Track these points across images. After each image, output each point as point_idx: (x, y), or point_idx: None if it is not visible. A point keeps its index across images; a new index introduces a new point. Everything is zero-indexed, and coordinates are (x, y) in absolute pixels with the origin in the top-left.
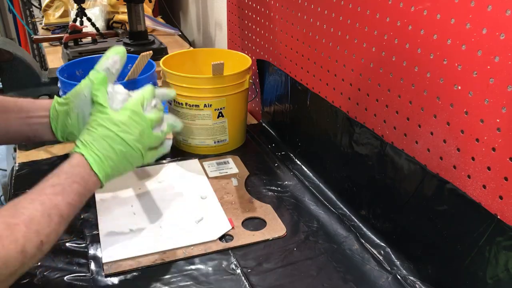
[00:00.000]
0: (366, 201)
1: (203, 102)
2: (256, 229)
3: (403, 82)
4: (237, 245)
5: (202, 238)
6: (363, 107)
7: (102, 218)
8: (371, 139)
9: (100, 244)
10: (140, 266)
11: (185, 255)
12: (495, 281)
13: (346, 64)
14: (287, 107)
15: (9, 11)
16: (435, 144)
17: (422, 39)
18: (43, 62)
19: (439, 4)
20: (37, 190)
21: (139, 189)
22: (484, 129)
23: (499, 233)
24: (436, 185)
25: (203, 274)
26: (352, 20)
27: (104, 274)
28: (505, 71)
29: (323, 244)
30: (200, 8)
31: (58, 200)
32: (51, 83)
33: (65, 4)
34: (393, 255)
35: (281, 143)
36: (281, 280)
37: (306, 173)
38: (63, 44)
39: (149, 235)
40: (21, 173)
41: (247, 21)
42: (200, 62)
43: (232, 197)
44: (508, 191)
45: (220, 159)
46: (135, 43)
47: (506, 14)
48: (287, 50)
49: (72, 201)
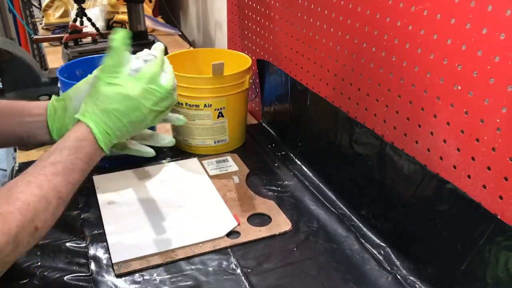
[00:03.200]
0: (366, 201)
1: (203, 102)
2: (262, 225)
3: (403, 82)
4: (245, 241)
5: (210, 235)
6: (363, 107)
7: (107, 219)
8: (371, 139)
9: (108, 244)
10: (150, 265)
11: (194, 252)
12: (495, 281)
13: (346, 64)
14: (287, 107)
15: (9, 11)
16: (435, 144)
17: (422, 39)
18: (43, 62)
19: (439, 4)
20: (37, 169)
21: (141, 189)
22: (484, 129)
23: (499, 233)
24: (436, 185)
25: (203, 274)
26: (352, 20)
27: (115, 274)
28: (505, 71)
29: (323, 244)
30: (200, 8)
31: (57, 180)
32: (51, 83)
33: (65, 4)
34: (393, 255)
35: (281, 143)
36: (281, 280)
37: (306, 173)
38: (63, 44)
39: (156, 234)
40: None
41: (247, 21)
42: (200, 62)
43: (235, 194)
44: (508, 191)
45: (219, 157)
46: (135, 43)
47: (506, 14)
48: (287, 50)
49: (72, 180)
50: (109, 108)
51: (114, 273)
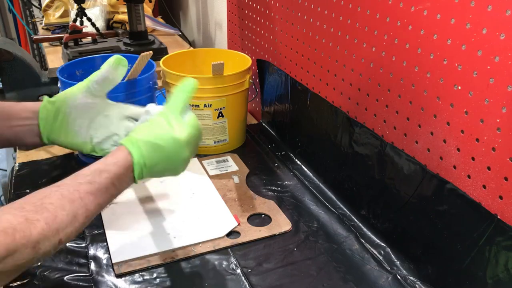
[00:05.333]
0: (366, 201)
1: (203, 102)
2: (262, 225)
3: (403, 82)
4: (245, 241)
5: (210, 235)
6: (363, 107)
7: (106, 219)
8: (371, 139)
9: (108, 244)
10: (150, 265)
11: (194, 252)
12: (495, 281)
13: (346, 64)
14: (287, 107)
15: (9, 11)
16: (435, 144)
17: (422, 39)
18: (43, 62)
19: (439, 4)
20: (73, 183)
21: (141, 189)
22: (484, 129)
23: (499, 233)
24: (436, 185)
25: (203, 274)
26: (352, 20)
27: (115, 274)
28: (505, 71)
29: (323, 244)
30: (200, 8)
31: (89, 200)
32: (51, 83)
33: (65, 4)
34: (393, 255)
35: (281, 143)
36: (281, 280)
37: (306, 173)
38: (63, 44)
39: (156, 234)
40: (21, 173)
41: (247, 21)
42: (200, 62)
43: (235, 194)
44: (508, 191)
45: (219, 157)
46: (135, 43)
47: (506, 14)
48: (287, 50)
49: (102, 202)
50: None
51: (114, 273)
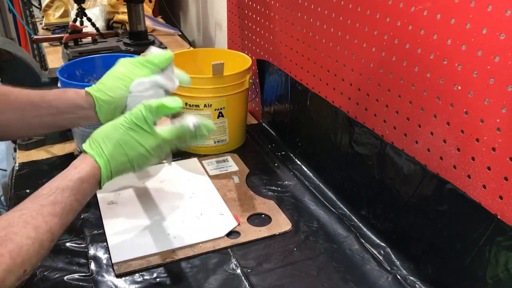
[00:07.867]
0: (366, 201)
1: (203, 102)
2: (262, 225)
3: (403, 82)
4: (245, 241)
5: (210, 235)
6: (363, 107)
7: (106, 219)
8: (371, 139)
9: (108, 244)
10: (150, 265)
11: (194, 252)
12: (495, 281)
13: (346, 64)
14: (287, 107)
15: (9, 11)
16: (435, 144)
17: (422, 39)
18: (43, 62)
19: (439, 4)
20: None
21: (141, 189)
22: (484, 129)
23: (499, 233)
24: (436, 185)
25: (203, 274)
26: (352, 20)
27: (115, 274)
28: (505, 71)
29: (323, 244)
30: (200, 8)
31: (54, 222)
32: (51, 83)
33: (65, 4)
34: (393, 255)
35: (281, 143)
36: (281, 280)
37: (306, 173)
38: (63, 44)
39: (156, 234)
40: (21, 173)
41: (247, 21)
42: (200, 62)
43: (235, 194)
44: (508, 191)
45: (220, 157)
46: (135, 43)
47: (506, 14)
48: (287, 50)
49: (67, 222)
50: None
51: (114, 273)
